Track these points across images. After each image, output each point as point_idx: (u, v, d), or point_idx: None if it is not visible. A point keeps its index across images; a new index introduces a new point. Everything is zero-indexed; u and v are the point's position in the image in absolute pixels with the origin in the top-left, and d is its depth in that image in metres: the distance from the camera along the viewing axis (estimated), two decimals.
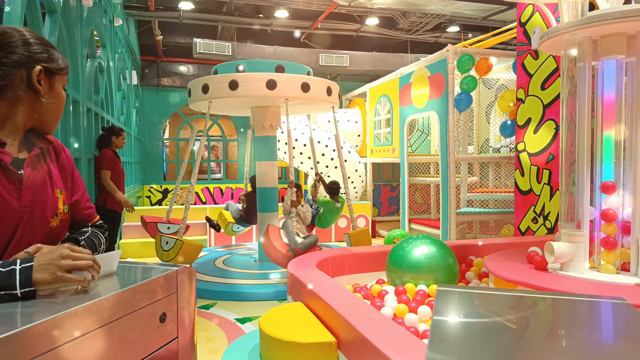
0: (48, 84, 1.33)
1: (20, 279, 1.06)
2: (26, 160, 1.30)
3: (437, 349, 1.17)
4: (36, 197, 1.29)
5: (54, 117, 1.39)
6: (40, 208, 1.29)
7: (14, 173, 1.25)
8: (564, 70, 3.26)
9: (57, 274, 1.09)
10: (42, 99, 1.32)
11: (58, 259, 1.11)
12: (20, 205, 1.24)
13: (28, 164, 1.29)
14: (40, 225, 1.30)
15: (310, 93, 5.37)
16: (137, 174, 10.05)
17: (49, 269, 1.09)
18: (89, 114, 5.27)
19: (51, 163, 1.40)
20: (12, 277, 1.05)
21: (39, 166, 1.34)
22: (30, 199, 1.27)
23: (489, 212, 6.67)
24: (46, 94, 1.33)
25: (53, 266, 1.09)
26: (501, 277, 3.07)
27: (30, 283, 1.06)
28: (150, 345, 1.20)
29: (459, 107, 6.28)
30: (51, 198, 1.34)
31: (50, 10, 3.97)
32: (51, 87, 1.34)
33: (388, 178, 11.20)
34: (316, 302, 2.76)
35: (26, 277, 1.06)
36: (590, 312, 1.57)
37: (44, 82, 1.32)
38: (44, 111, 1.35)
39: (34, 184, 1.29)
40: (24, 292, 1.06)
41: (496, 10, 8.65)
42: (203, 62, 11.18)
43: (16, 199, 1.24)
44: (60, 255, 1.11)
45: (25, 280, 1.06)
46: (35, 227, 1.28)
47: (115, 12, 7.03)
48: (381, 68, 10.77)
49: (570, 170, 3.18)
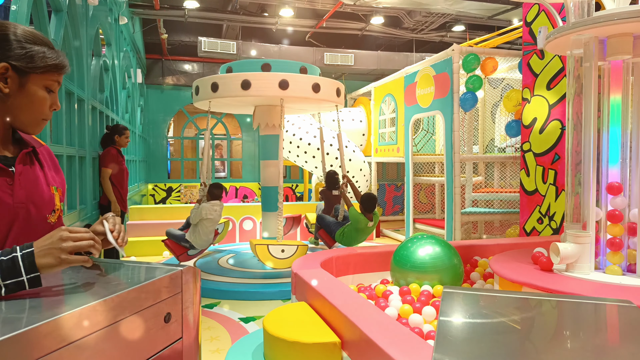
0: (17, 83, 1.25)
1: (24, 265, 1.04)
2: (17, 158, 1.29)
3: (443, 350, 1.17)
4: (31, 194, 1.28)
5: (30, 118, 1.30)
6: (36, 204, 1.29)
7: (3, 170, 1.25)
8: (570, 70, 3.24)
9: (62, 257, 1.08)
10: (8, 98, 1.25)
11: (59, 241, 1.09)
12: (15, 202, 1.24)
13: (20, 162, 1.29)
14: (38, 222, 1.29)
15: (320, 94, 5.40)
16: (141, 172, 10.08)
17: (52, 253, 1.08)
18: (94, 112, 5.29)
19: (44, 162, 1.40)
20: (16, 265, 1.04)
21: (32, 164, 1.34)
22: (25, 195, 1.26)
23: (494, 212, 6.65)
24: (14, 93, 1.25)
25: (55, 249, 1.08)
26: (506, 277, 3.06)
27: (35, 268, 1.05)
28: (155, 346, 1.20)
29: (464, 106, 6.26)
30: (47, 194, 1.34)
31: (56, 8, 3.98)
32: (22, 86, 1.26)
33: (393, 177, 11.19)
34: (320, 302, 2.75)
35: (29, 262, 1.05)
36: (595, 314, 1.56)
37: (12, 81, 1.24)
38: (15, 111, 1.28)
39: (27, 181, 1.29)
40: (30, 279, 1.05)
41: (502, 10, 8.63)
42: (208, 60, 11.19)
43: (9, 195, 1.23)
44: (60, 237, 1.10)
45: (29, 266, 1.05)
46: (32, 224, 1.28)
47: (120, 11, 7.05)
48: (386, 67, 10.76)
49: (576, 170, 3.16)
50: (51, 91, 1.33)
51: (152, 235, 7.29)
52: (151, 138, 11.21)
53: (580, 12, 3.14)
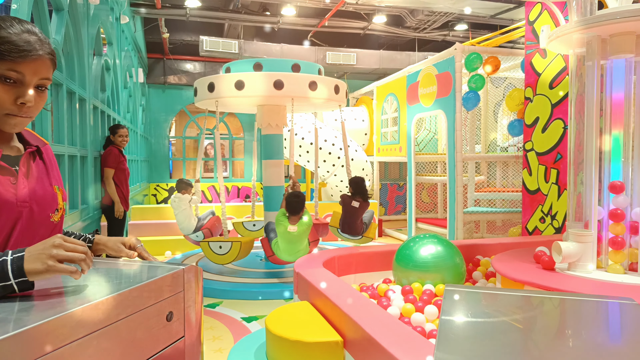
0: None
1: (12, 269, 1.02)
2: (22, 158, 1.29)
3: (445, 349, 1.17)
4: (34, 193, 1.27)
5: None
6: (39, 203, 1.28)
7: (6, 169, 1.24)
8: (573, 69, 3.24)
9: (48, 263, 1.03)
10: None
11: (50, 247, 1.05)
12: (18, 200, 1.23)
13: (24, 161, 1.29)
14: (41, 221, 1.28)
15: (317, 92, 5.38)
16: (143, 172, 10.09)
17: (40, 258, 1.03)
18: (96, 112, 5.29)
19: (47, 161, 1.39)
20: (4, 268, 1.02)
21: (35, 163, 1.33)
22: (28, 193, 1.25)
23: (496, 212, 6.64)
24: None
25: (44, 255, 1.04)
26: (508, 276, 3.06)
27: (23, 273, 1.02)
28: (157, 344, 1.20)
29: (466, 105, 6.25)
30: (50, 193, 1.33)
31: (57, 7, 3.99)
32: None
33: (395, 177, 11.18)
34: (322, 301, 2.75)
35: (18, 267, 1.02)
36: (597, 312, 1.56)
37: None
38: None
39: (31, 179, 1.28)
40: (18, 283, 1.02)
41: (504, 9, 8.62)
42: (209, 60, 11.19)
43: (13, 194, 1.22)
44: (52, 244, 1.06)
45: (17, 270, 1.02)
46: (35, 223, 1.27)
47: (122, 10, 7.05)
48: (388, 66, 10.75)
49: (579, 169, 3.16)
50: (12, 82, 1.19)
51: (154, 235, 7.31)
52: (153, 138, 11.21)
53: (583, 11, 3.13)
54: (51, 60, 1.26)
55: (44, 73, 1.23)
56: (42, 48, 1.22)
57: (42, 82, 1.24)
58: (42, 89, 1.25)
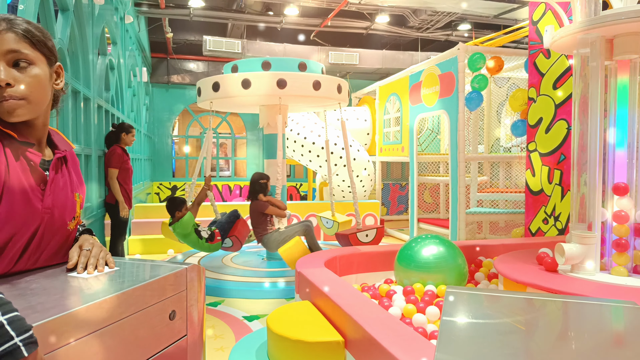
0: None
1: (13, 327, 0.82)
2: (52, 163, 1.29)
3: (446, 350, 1.17)
4: (57, 199, 1.28)
5: None
6: (60, 210, 1.29)
7: (40, 174, 1.24)
8: (577, 69, 3.23)
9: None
10: None
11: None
12: (43, 207, 1.23)
13: (53, 167, 1.29)
14: (59, 227, 1.29)
15: (321, 91, 5.39)
16: (147, 170, 10.11)
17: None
18: (100, 111, 5.30)
19: (72, 167, 1.40)
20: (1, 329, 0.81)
21: (62, 169, 1.34)
22: (52, 200, 1.26)
23: (499, 213, 6.63)
24: None
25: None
26: (511, 278, 3.05)
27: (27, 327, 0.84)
28: (160, 343, 1.20)
29: (469, 106, 6.24)
30: (70, 201, 1.34)
31: (62, 8, 4.01)
32: None
33: (397, 177, 11.17)
34: (324, 301, 2.76)
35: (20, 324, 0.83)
36: (600, 315, 1.56)
37: None
38: None
39: (57, 186, 1.29)
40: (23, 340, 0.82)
41: (508, 9, 8.60)
42: (213, 59, 11.21)
43: (40, 200, 1.22)
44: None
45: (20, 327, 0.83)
46: (54, 229, 1.27)
47: (126, 10, 7.07)
48: (391, 66, 10.74)
49: (582, 170, 3.15)
50: None
51: (157, 233, 7.31)
52: (156, 137, 11.24)
53: (587, 11, 3.12)
54: (23, 36, 1.18)
55: (8, 45, 1.15)
56: (5, 25, 1.16)
57: (14, 57, 1.16)
58: (24, 65, 1.18)
